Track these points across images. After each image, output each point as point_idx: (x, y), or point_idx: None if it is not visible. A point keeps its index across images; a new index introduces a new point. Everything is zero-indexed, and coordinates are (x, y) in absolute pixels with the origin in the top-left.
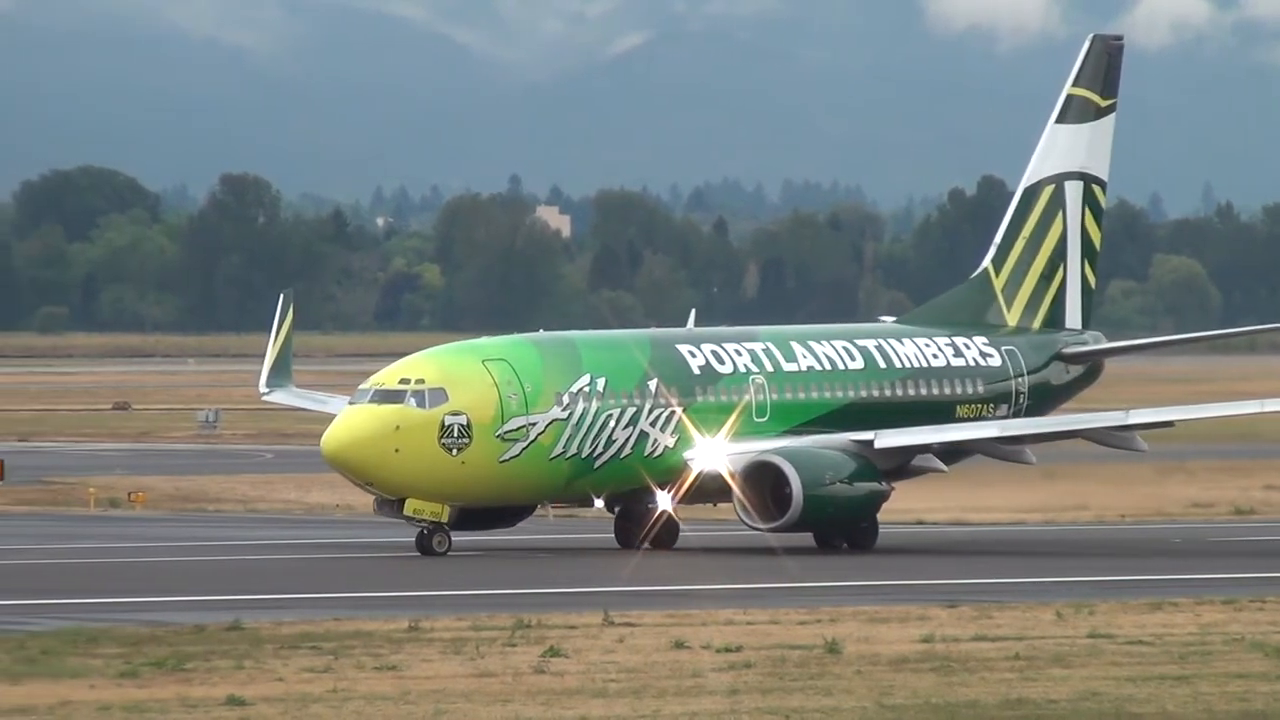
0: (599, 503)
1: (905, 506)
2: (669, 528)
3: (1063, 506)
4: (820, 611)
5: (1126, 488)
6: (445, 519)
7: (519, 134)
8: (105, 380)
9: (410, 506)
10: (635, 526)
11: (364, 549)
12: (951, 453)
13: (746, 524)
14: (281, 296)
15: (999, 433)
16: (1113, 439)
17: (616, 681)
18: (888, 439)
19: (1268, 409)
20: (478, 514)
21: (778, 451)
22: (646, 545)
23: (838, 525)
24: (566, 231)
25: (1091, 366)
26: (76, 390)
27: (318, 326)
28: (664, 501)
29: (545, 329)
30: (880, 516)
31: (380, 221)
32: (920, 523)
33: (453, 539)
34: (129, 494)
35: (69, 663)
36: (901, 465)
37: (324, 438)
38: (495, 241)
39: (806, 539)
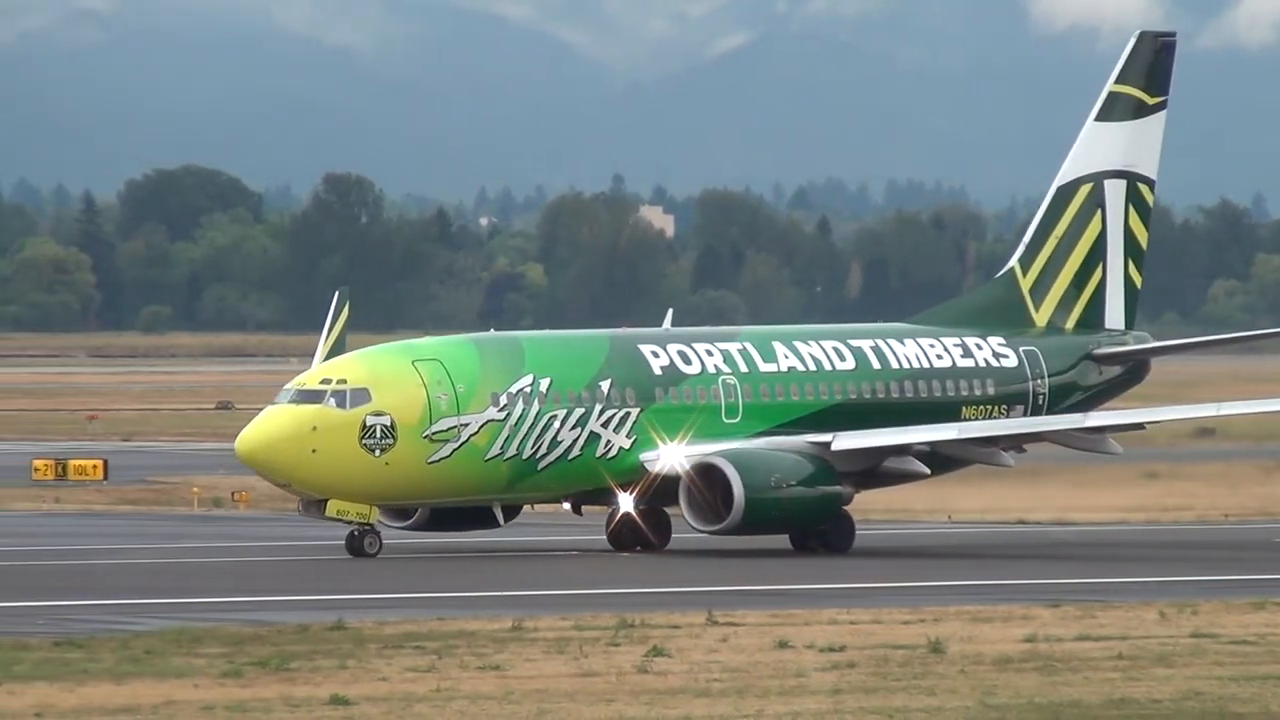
0: (565, 505)
1: (1006, 506)
2: (660, 528)
3: (1165, 506)
4: (923, 611)
5: (1230, 487)
6: (374, 519)
7: (622, 133)
8: (208, 380)
9: (333, 507)
10: (626, 529)
11: (466, 549)
12: (941, 457)
13: (691, 526)
14: (336, 294)
15: (956, 435)
16: (1080, 441)
17: (720, 681)
18: (845, 441)
19: (1223, 412)
20: (451, 514)
21: (723, 453)
22: (638, 548)
23: (787, 528)
24: (670, 231)
25: (1134, 367)
26: (180, 390)
27: (420, 326)
28: (625, 503)
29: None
30: (982, 516)
31: (484, 221)
32: (1021, 522)
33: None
34: (232, 494)
35: (173, 662)
36: (872, 468)
37: (238, 438)
38: (598, 241)
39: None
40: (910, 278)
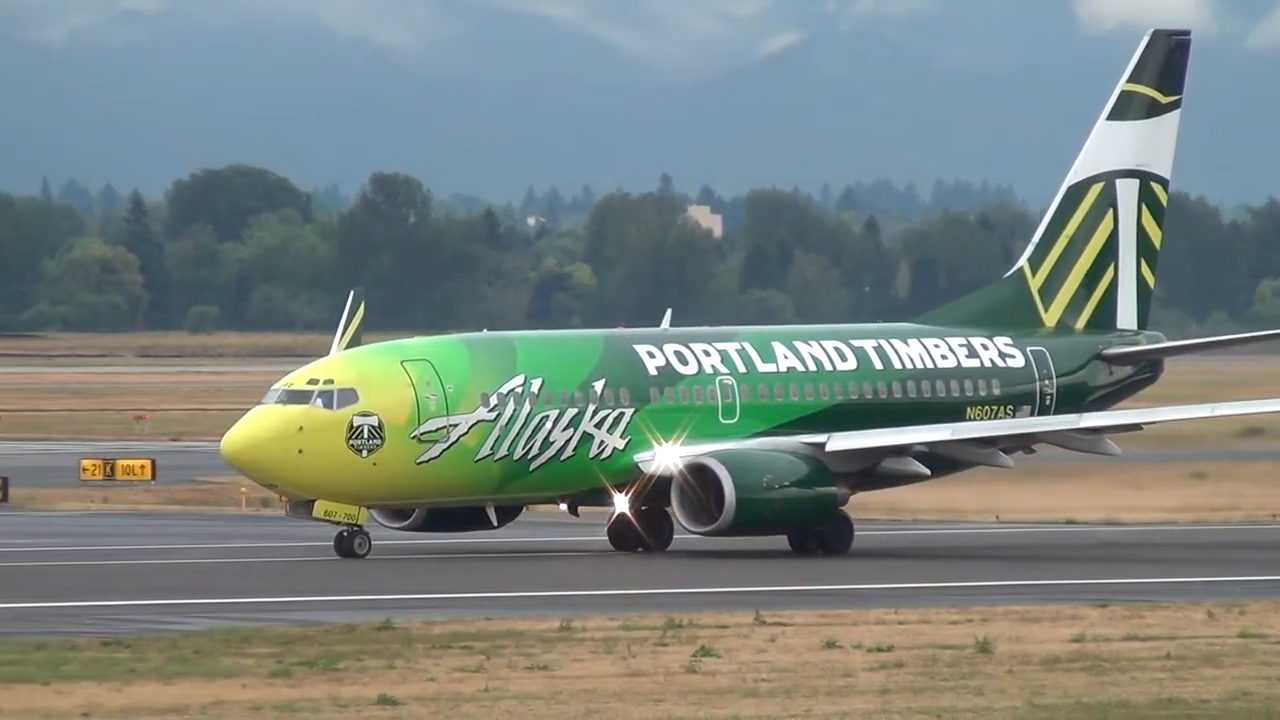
0: (562, 506)
1: (1054, 506)
2: (661, 528)
3: (1213, 506)
4: (971, 611)
5: (1279, 487)
6: (362, 520)
7: (670, 133)
8: (256, 380)
9: (320, 508)
10: (628, 529)
11: (513, 550)
12: (940, 458)
13: (683, 527)
14: (351, 294)
15: (951, 435)
16: (1077, 442)
17: (768, 681)
18: (840, 441)
19: (1218, 413)
20: (448, 515)
21: (715, 454)
22: (641, 549)
23: (781, 529)
24: (718, 231)
25: (1147, 366)
26: (228, 390)
27: (468, 326)
28: (620, 504)
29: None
30: (1030, 516)
31: (531, 221)
32: (1070, 522)
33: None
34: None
35: (221, 662)
36: (869, 469)
37: (224, 438)
38: (646, 241)
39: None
40: (958, 277)
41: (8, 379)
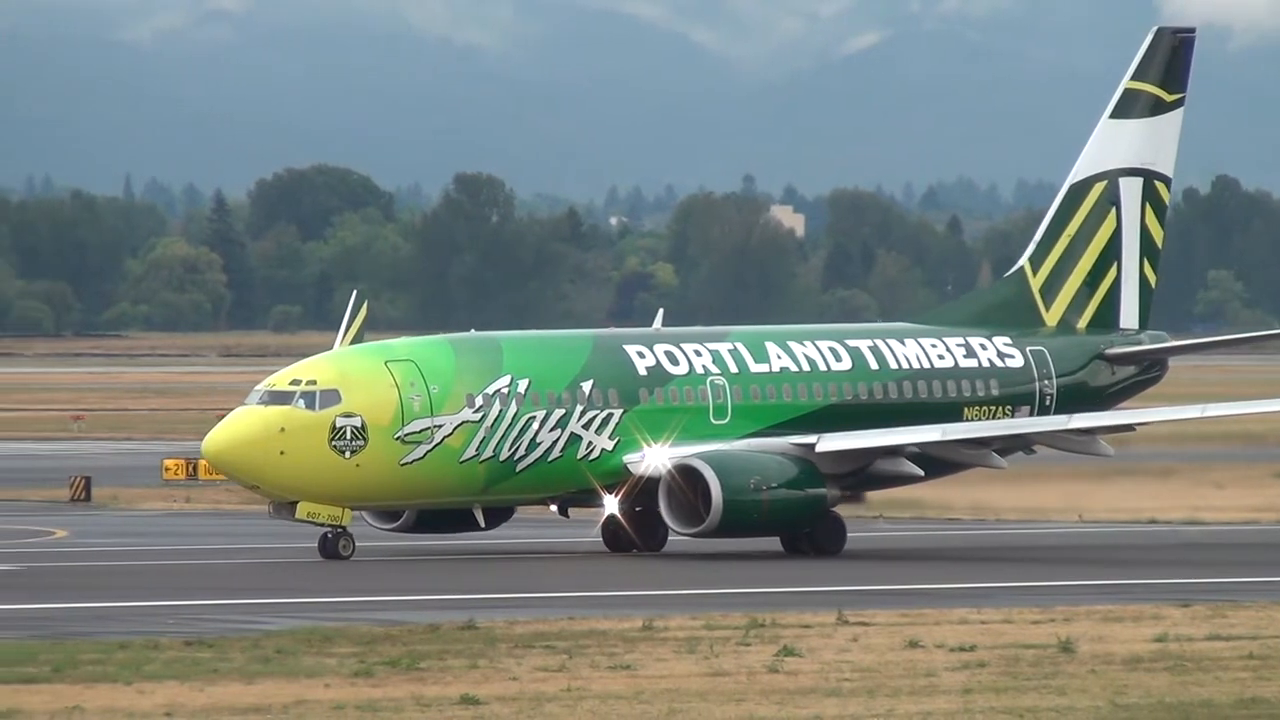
0: (553, 507)
1: (1137, 505)
2: (654, 530)
3: None
4: (1054, 611)
5: None
6: (346, 522)
7: (753, 133)
8: None
9: (303, 510)
10: (622, 530)
11: (594, 550)
12: (934, 459)
13: (672, 528)
14: (354, 294)
15: (940, 436)
16: (1069, 443)
17: (850, 681)
18: (829, 442)
19: (1209, 414)
20: (438, 516)
21: (703, 455)
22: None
23: (769, 530)
24: (800, 230)
25: (1150, 366)
26: None
27: (551, 326)
28: (610, 505)
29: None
30: (1113, 515)
31: (614, 221)
32: (1153, 521)
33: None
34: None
35: (304, 662)
36: (860, 470)
37: (205, 439)
38: (729, 241)
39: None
40: None
41: (91, 379)
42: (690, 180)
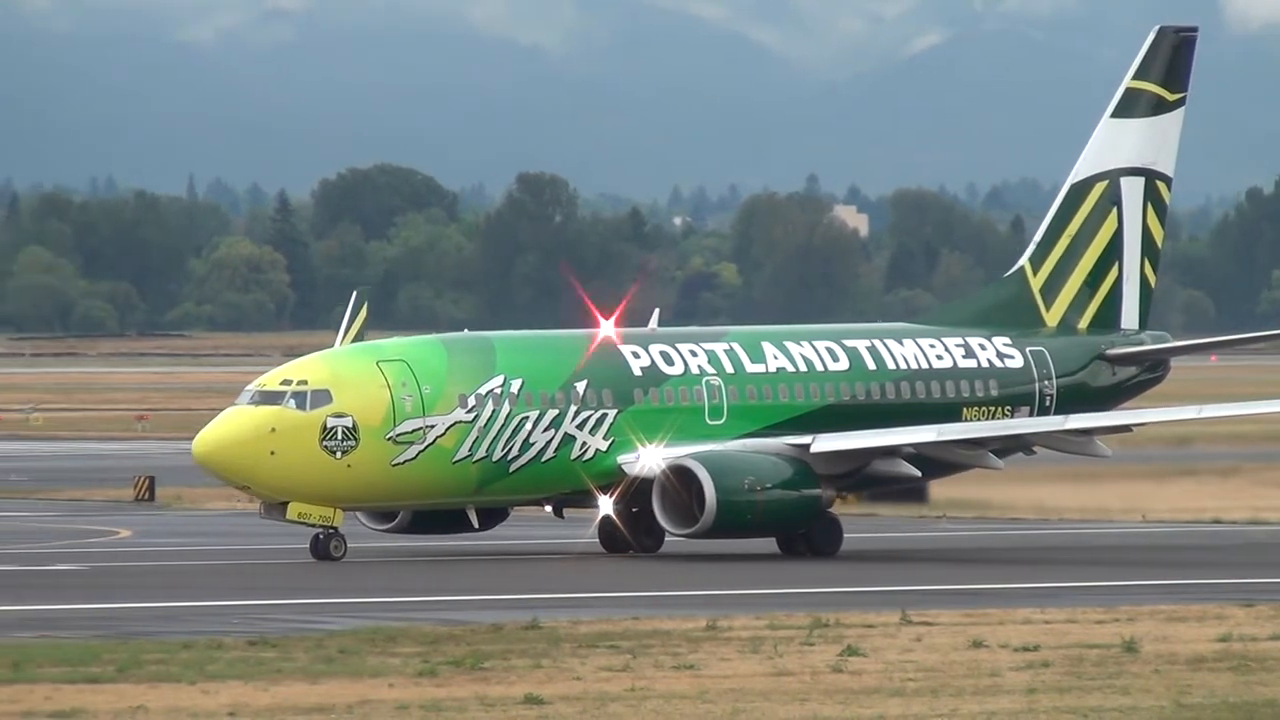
0: (548, 508)
1: (1201, 505)
2: (652, 530)
3: None
4: (1118, 610)
5: None
6: (338, 523)
7: (817, 133)
8: None
9: (294, 510)
10: (619, 530)
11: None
12: (929, 459)
13: (666, 529)
14: (355, 294)
15: (936, 437)
16: (1065, 444)
17: (914, 681)
18: (824, 443)
19: (1205, 414)
20: (433, 517)
21: (696, 455)
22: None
23: (764, 531)
24: (864, 230)
25: (1152, 366)
26: None
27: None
28: (605, 506)
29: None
30: (1178, 515)
31: (678, 221)
32: (1217, 521)
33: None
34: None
35: (368, 661)
36: (856, 470)
37: (195, 439)
38: (792, 241)
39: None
40: None
41: (154, 378)
42: (754, 180)
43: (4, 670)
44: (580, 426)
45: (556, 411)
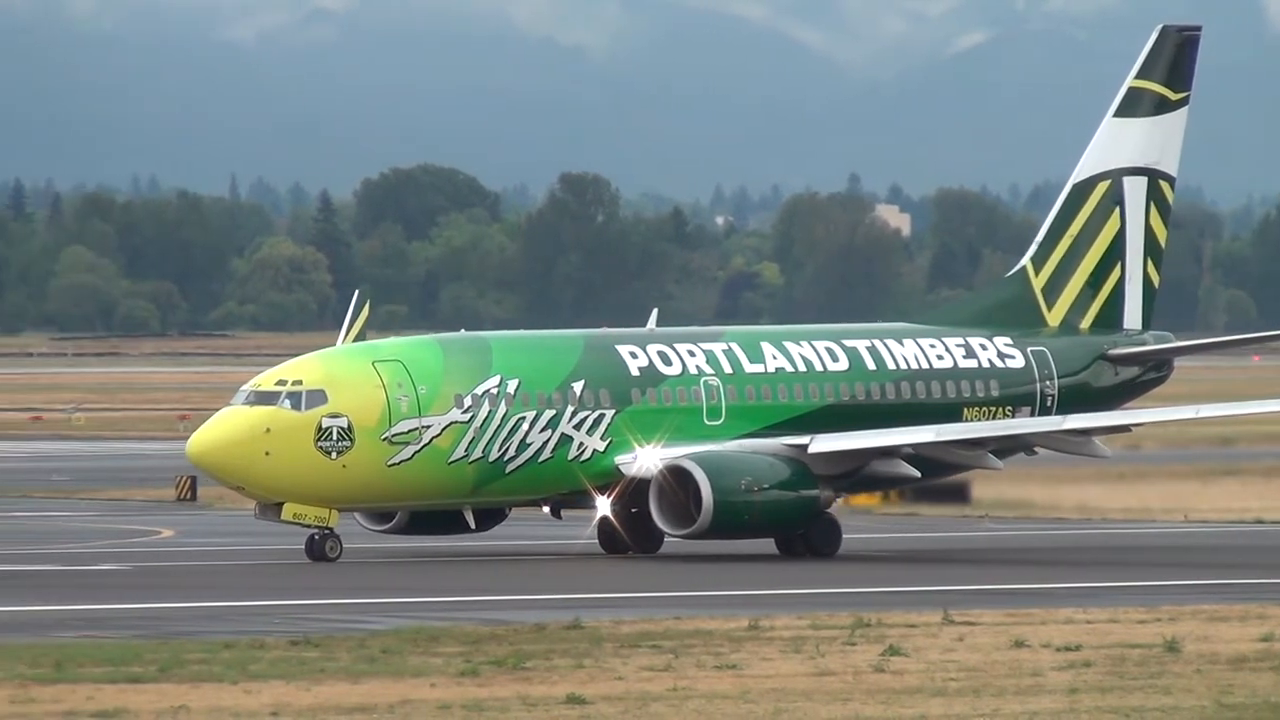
0: (545, 509)
1: (1244, 505)
2: (650, 531)
3: None
4: (1160, 610)
5: None
6: (333, 523)
7: (858, 132)
8: None
9: (289, 511)
10: (617, 532)
11: (696, 551)
12: (929, 460)
13: (663, 530)
14: (357, 293)
15: (934, 437)
16: (1063, 444)
17: (956, 680)
18: (822, 443)
19: (1201, 415)
20: (430, 517)
21: (693, 456)
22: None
23: (761, 532)
24: (906, 230)
25: (1155, 366)
26: None
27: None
28: (602, 506)
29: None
30: (1220, 515)
31: (720, 220)
32: (1259, 521)
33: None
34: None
35: (410, 661)
36: (854, 471)
37: (190, 440)
38: (834, 240)
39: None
40: None
41: (196, 378)
42: (796, 180)
43: (47, 670)
44: (578, 427)
45: (553, 412)
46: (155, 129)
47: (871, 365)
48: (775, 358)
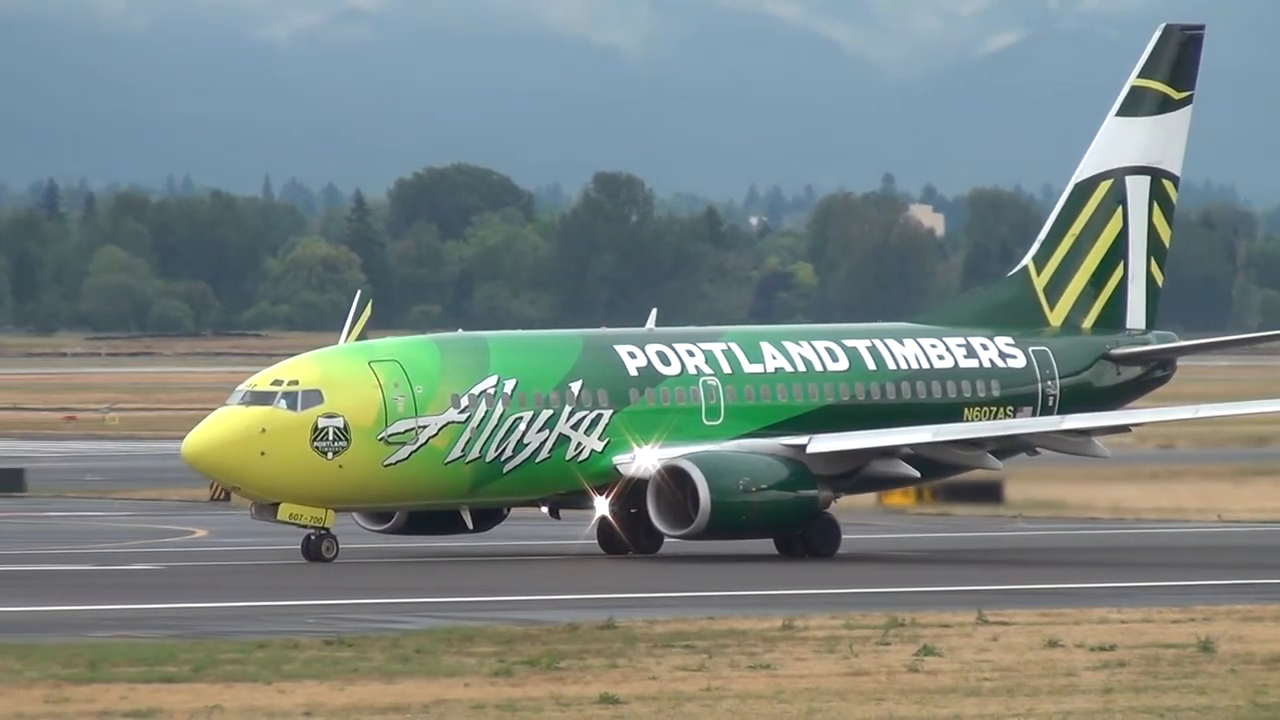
0: (544, 509)
1: (1277, 506)
2: (651, 532)
3: None
4: (1193, 610)
5: None
6: (330, 523)
7: (892, 132)
8: None
9: (285, 511)
10: (614, 532)
11: (733, 551)
12: (927, 460)
13: (661, 530)
14: (358, 294)
15: (932, 437)
16: (1062, 444)
17: (990, 680)
18: (821, 443)
19: (1201, 414)
20: (429, 517)
21: (691, 456)
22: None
23: (759, 532)
24: (940, 230)
25: (1157, 366)
26: None
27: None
28: (601, 507)
29: None
30: (1254, 515)
31: (754, 220)
32: None
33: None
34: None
35: (444, 661)
36: (854, 471)
37: (185, 440)
38: (868, 240)
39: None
40: (1180, 276)
41: (231, 378)
42: (829, 180)
43: (81, 669)
44: (575, 427)
45: (551, 412)
46: (189, 129)
47: (872, 365)
48: (774, 358)
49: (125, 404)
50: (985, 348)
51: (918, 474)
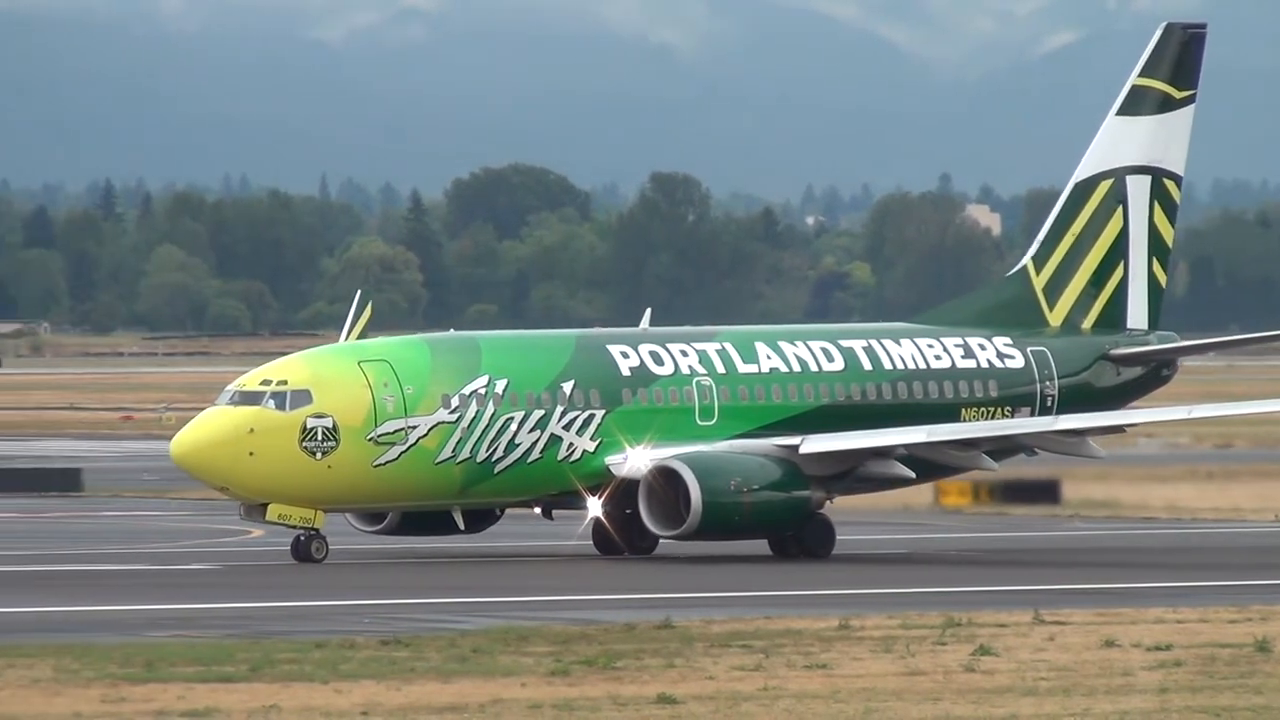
0: (536, 510)
1: None
2: (645, 533)
3: None
4: (1250, 610)
5: None
6: (319, 524)
7: (949, 132)
8: None
9: (274, 512)
10: (608, 533)
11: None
12: (923, 461)
13: (652, 531)
14: (358, 294)
15: (926, 438)
16: (1057, 445)
17: (1046, 680)
18: (813, 444)
19: (1194, 415)
20: (423, 518)
21: (682, 456)
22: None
23: (751, 533)
24: (996, 230)
25: (1158, 367)
26: None
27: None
28: (594, 507)
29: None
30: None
31: (810, 220)
32: None
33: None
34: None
35: (500, 661)
36: (848, 472)
37: (173, 440)
38: (925, 240)
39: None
40: (1236, 276)
41: None
42: (886, 179)
43: (138, 669)
44: (567, 427)
45: (542, 412)
46: (245, 128)
47: (868, 365)
48: (769, 358)
49: (182, 404)
50: (983, 348)
51: (913, 474)
